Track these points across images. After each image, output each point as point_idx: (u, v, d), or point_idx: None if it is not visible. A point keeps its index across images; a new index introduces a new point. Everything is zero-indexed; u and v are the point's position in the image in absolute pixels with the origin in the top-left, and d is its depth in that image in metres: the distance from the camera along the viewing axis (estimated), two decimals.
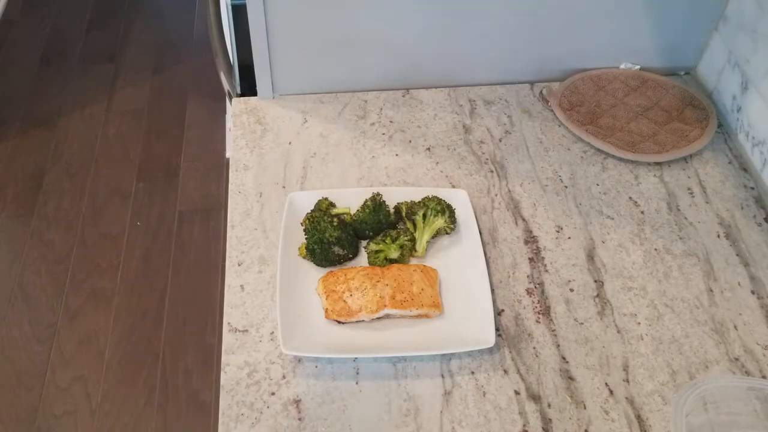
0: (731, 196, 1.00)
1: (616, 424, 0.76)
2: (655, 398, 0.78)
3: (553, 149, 1.06)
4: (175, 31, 2.79)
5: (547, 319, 0.85)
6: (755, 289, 0.89)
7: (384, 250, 0.87)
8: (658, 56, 1.16)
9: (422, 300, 0.82)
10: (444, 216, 0.89)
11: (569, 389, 0.78)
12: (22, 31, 2.77)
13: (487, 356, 0.81)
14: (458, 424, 0.75)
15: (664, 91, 1.14)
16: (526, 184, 1.01)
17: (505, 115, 1.11)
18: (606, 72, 1.17)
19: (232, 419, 0.75)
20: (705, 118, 1.09)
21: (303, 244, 0.88)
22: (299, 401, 0.77)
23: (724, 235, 0.95)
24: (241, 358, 0.80)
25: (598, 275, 0.89)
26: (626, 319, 0.85)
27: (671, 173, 1.03)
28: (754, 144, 1.03)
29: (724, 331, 0.84)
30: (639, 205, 0.98)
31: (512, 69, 1.15)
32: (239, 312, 0.84)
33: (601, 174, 1.02)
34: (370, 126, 1.08)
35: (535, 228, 0.95)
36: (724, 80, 1.10)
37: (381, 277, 0.83)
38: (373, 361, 0.80)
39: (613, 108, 1.11)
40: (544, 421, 0.76)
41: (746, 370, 0.81)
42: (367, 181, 1.00)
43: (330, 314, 0.81)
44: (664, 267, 0.91)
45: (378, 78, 1.13)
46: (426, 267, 0.86)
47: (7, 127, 2.39)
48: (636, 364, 0.81)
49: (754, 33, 1.01)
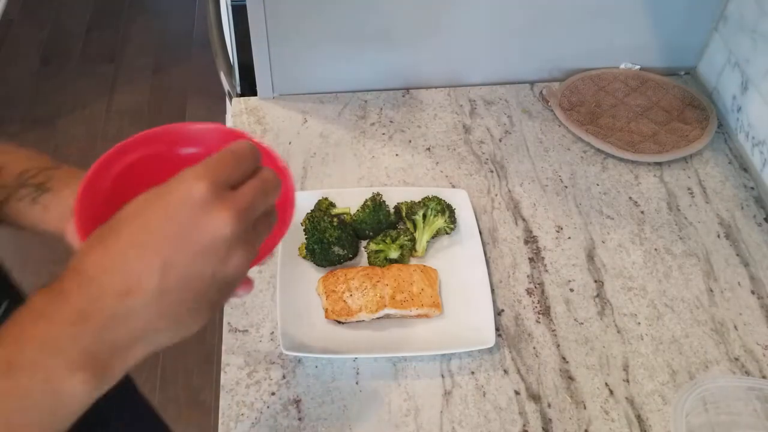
0: (731, 196, 1.00)
1: (616, 424, 0.76)
2: (655, 398, 0.78)
3: (553, 149, 1.06)
4: (175, 31, 2.79)
5: (547, 319, 0.85)
6: (755, 289, 0.89)
7: (384, 250, 0.87)
8: (658, 56, 1.16)
9: (422, 300, 0.82)
10: (444, 216, 0.89)
11: (569, 389, 0.78)
12: (22, 31, 2.77)
13: (487, 356, 0.81)
14: (458, 424, 0.75)
15: (664, 91, 1.14)
16: (526, 184, 1.01)
17: (505, 115, 1.11)
18: (606, 72, 1.17)
19: (232, 419, 0.75)
20: (705, 118, 1.09)
21: (303, 244, 0.88)
22: (299, 401, 0.77)
23: (724, 235, 0.95)
24: (241, 358, 0.80)
25: (598, 275, 0.89)
26: (626, 319, 0.85)
27: (671, 173, 1.03)
28: (754, 144, 1.03)
29: (724, 331, 0.84)
30: (639, 205, 0.98)
31: (512, 69, 1.15)
32: (239, 312, 0.84)
33: (601, 174, 1.02)
34: (370, 126, 1.08)
35: (535, 228, 0.95)
36: (724, 80, 1.10)
37: (381, 277, 0.83)
38: (373, 361, 0.80)
39: (613, 108, 1.11)
40: (544, 421, 0.76)
41: (746, 370, 0.81)
42: (367, 181, 1.00)
43: (330, 314, 0.81)
44: (664, 267, 0.91)
45: (378, 78, 1.13)
46: (426, 267, 0.86)
47: (7, 127, 2.39)
48: (636, 364, 0.81)
49: (754, 33, 1.01)
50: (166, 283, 0.39)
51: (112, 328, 0.38)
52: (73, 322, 0.38)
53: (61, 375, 0.37)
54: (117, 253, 0.39)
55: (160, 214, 0.39)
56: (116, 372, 0.40)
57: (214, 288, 0.41)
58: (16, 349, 0.38)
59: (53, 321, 0.38)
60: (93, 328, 0.38)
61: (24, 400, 0.37)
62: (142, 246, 0.39)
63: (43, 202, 0.59)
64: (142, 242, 0.39)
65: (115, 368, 0.40)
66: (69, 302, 0.38)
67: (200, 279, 0.40)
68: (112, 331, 0.39)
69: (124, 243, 0.39)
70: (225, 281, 0.41)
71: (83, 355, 0.38)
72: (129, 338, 0.39)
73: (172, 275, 0.39)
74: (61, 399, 0.38)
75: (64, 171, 0.61)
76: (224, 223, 0.39)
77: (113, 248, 0.39)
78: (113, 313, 0.38)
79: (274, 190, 0.43)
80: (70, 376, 0.37)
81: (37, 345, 0.37)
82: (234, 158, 0.41)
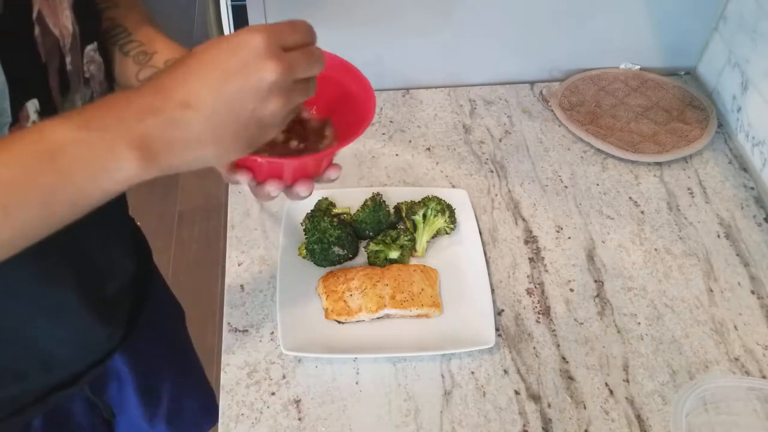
0: (731, 196, 1.00)
1: (616, 424, 0.76)
2: (655, 398, 0.78)
3: (553, 149, 1.06)
4: (175, 31, 2.79)
5: (547, 319, 0.85)
6: (755, 289, 0.89)
7: (384, 250, 0.87)
8: (658, 56, 1.16)
9: (422, 300, 0.82)
10: (444, 216, 0.89)
11: (569, 389, 0.78)
12: None
13: (487, 356, 0.81)
14: (458, 424, 0.75)
15: (664, 91, 1.14)
16: (526, 184, 1.01)
17: (505, 115, 1.11)
18: (606, 72, 1.17)
19: (232, 419, 0.75)
20: (705, 118, 1.09)
21: (303, 244, 0.88)
22: (299, 401, 0.77)
23: (724, 235, 0.95)
24: (241, 358, 0.80)
25: (598, 275, 0.89)
26: (626, 319, 0.85)
27: (671, 173, 1.03)
28: (754, 144, 1.03)
29: (724, 331, 0.84)
30: (639, 205, 0.98)
31: (512, 69, 1.15)
32: (239, 312, 0.84)
33: (601, 174, 1.02)
34: (370, 126, 1.08)
35: (535, 228, 0.95)
36: (724, 80, 1.10)
37: (381, 277, 0.83)
38: (373, 361, 0.80)
39: (614, 108, 1.11)
40: (544, 421, 0.76)
41: (746, 370, 0.81)
42: (367, 181, 1.00)
43: (330, 314, 0.81)
44: (664, 267, 0.91)
45: (378, 78, 1.13)
46: (426, 267, 0.86)
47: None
48: (636, 364, 0.81)
49: (754, 33, 1.01)
50: (217, 104, 0.48)
51: (170, 128, 0.47)
52: (142, 111, 0.47)
53: (121, 145, 0.46)
54: (184, 74, 0.48)
55: (222, 51, 0.49)
56: (161, 165, 0.48)
57: (252, 122, 0.50)
58: (98, 115, 0.47)
59: (130, 105, 0.47)
60: (155, 121, 0.47)
61: (89, 152, 0.46)
62: (204, 72, 0.48)
63: None
64: (204, 69, 0.48)
65: (161, 162, 0.48)
66: (144, 98, 0.48)
67: (243, 110, 0.49)
68: (170, 130, 0.47)
69: (191, 67, 0.49)
70: (262, 121, 0.50)
71: (142, 138, 0.46)
72: (180, 141, 0.48)
73: (222, 99, 0.48)
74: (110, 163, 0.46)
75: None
76: (269, 70, 0.48)
77: (182, 69, 0.49)
78: (173, 116, 0.47)
79: (318, 63, 0.52)
80: (128, 150, 0.46)
81: (113, 117, 0.47)
82: (291, 27, 0.52)
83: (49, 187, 0.45)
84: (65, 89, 0.60)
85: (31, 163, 0.45)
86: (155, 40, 0.70)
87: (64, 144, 0.45)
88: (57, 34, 0.59)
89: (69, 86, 0.62)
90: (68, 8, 0.60)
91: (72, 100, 0.62)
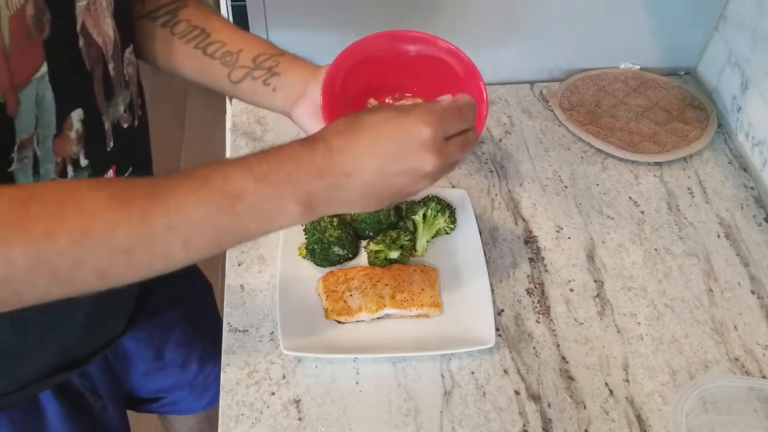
0: (731, 196, 1.00)
1: (616, 424, 0.76)
2: (655, 398, 0.78)
3: (553, 149, 1.06)
4: None
5: (547, 319, 0.85)
6: (755, 289, 0.89)
7: (384, 250, 0.87)
8: (658, 56, 1.16)
9: (422, 300, 0.82)
10: (444, 216, 0.89)
11: (569, 389, 0.78)
12: None
13: (487, 356, 0.81)
14: (458, 424, 0.75)
15: (664, 91, 1.14)
16: (526, 184, 1.01)
17: (505, 115, 1.11)
18: (606, 72, 1.17)
19: (232, 419, 0.75)
20: (705, 118, 1.09)
21: (303, 244, 0.88)
22: (299, 401, 0.77)
23: (724, 235, 0.95)
24: (241, 358, 0.80)
25: (598, 275, 0.89)
26: (626, 319, 0.85)
27: (671, 173, 1.03)
28: (754, 144, 1.03)
29: (724, 331, 0.84)
30: (639, 205, 0.98)
31: (512, 69, 1.15)
32: (239, 312, 0.84)
33: (601, 174, 1.02)
34: None
35: (535, 228, 0.95)
36: (724, 80, 1.10)
37: (381, 277, 0.83)
38: (373, 361, 0.80)
39: (613, 108, 1.11)
40: (544, 421, 0.76)
41: (746, 370, 0.81)
42: None
43: (330, 314, 0.81)
44: (664, 267, 0.91)
45: None
46: (426, 267, 0.86)
47: None
48: (636, 364, 0.81)
49: (754, 33, 1.01)
50: (375, 180, 0.55)
51: (331, 191, 0.54)
52: (312, 173, 0.53)
53: (291, 202, 0.53)
54: (354, 146, 0.55)
55: (391, 135, 0.55)
56: (316, 216, 0.56)
57: (397, 194, 0.57)
58: (275, 170, 0.53)
59: (301, 165, 0.53)
60: (321, 185, 0.54)
61: (263, 203, 0.52)
62: (372, 150, 0.55)
63: (273, 83, 0.74)
64: (373, 148, 0.55)
65: (317, 214, 0.55)
66: (314, 158, 0.54)
67: (394, 187, 0.56)
68: (331, 192, 0.54)
69: (361, 142, 0.55)
70: (404, 195, 0.58)
71: (308, 196, 0.53)
72: (336, 201, 0.55)
73: (380, 178, 0.55)
74: (278, 214, 0.53)
75: (289, 58, 0.75)
76: (429, 163, 0.55)
77: (353, 142, 0.55)
78: (336, 182, 0.54)
79: (468, 148, 0.59)
80: (295, 205, 0.53)
81: (286, 174, 0.53)
82: (459, 115, 0.57)
83: (224, 228, 0.52)
84: (109, 95, 0.63)
85: (216, 206, 0.50)
86: (234, 37, 0.74)
87: (245, 193, 0.51)
88: (100, 43, 0.60)
89: (113, 92, 0.64)
90: (109, 16, 0.61)
91: (115, 104, 0.65)
